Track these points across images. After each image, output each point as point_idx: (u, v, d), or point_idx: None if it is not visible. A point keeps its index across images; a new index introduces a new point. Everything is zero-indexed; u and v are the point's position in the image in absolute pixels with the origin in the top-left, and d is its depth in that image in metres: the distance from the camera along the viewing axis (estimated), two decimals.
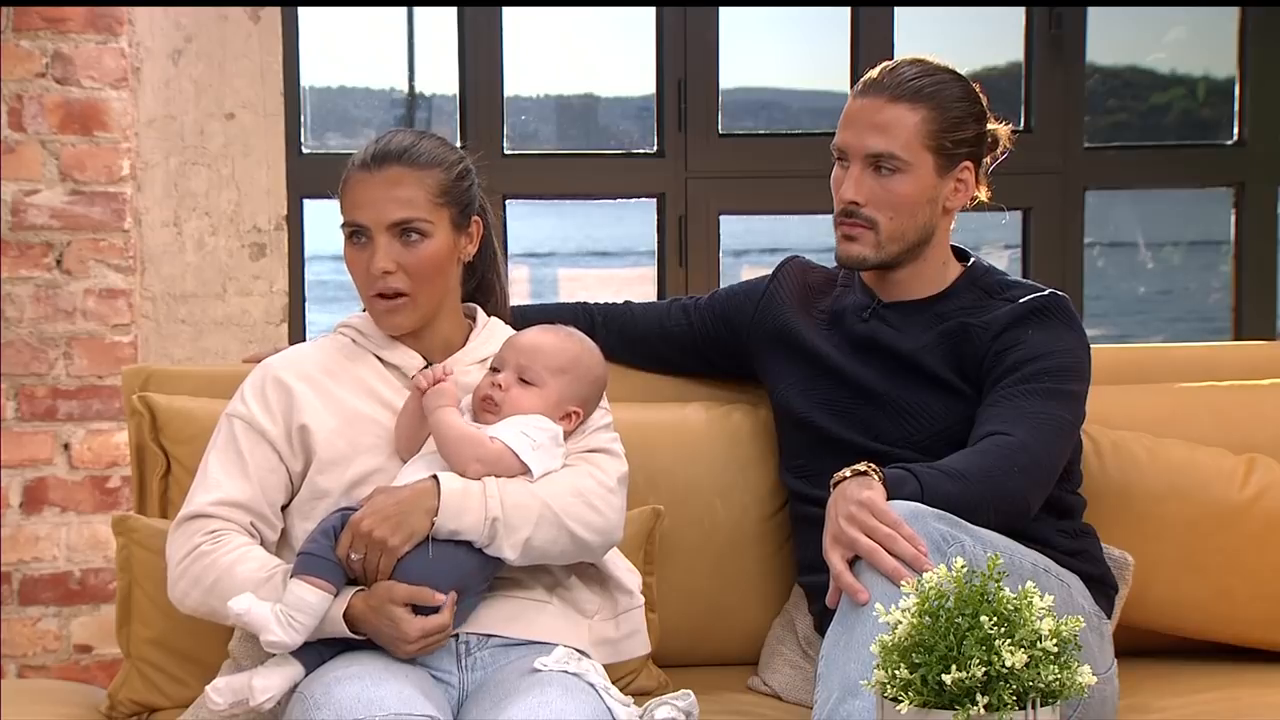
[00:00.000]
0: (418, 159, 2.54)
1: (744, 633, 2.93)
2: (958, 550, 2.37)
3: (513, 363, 2.54)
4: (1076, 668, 1.95)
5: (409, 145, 2.55)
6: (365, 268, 2.54)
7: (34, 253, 3.82)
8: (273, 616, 2.36)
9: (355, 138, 10.47)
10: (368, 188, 2.53)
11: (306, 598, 2.37)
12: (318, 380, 2.59)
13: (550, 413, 2.52)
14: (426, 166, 2.54)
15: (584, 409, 2.57)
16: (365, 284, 2.56)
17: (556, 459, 2.52)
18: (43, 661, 3.87)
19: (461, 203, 2.58)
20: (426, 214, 2.53)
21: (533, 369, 2.53)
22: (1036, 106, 4.38)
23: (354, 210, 2.54)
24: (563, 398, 2.54)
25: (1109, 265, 14.36)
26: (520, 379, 2.53)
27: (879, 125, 2.70)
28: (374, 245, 2.53)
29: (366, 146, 2.57)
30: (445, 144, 2.60)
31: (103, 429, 3.86)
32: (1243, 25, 4.50)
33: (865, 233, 2.73)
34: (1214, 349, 3.33)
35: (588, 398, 2.58)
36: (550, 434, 2.51)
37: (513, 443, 2.48)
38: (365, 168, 2.54)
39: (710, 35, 4.24)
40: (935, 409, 2.73)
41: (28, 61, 3.79)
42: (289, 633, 2.36)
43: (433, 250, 2.54)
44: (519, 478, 2.47)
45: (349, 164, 2.57)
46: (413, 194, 2.53)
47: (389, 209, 2.52)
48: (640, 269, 11.38)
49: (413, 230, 2.52)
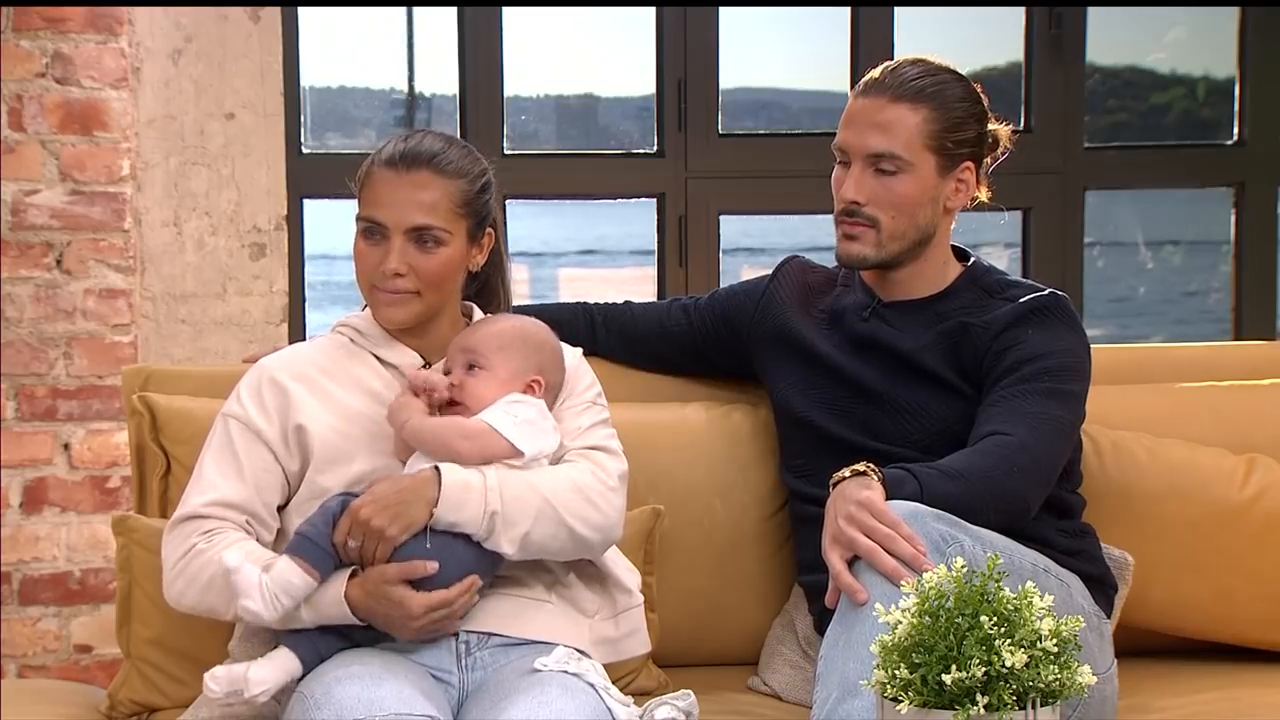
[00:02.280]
0: (446, 167, 2.53)
1: (744, 633, 2.93)
2: (957, 550, 2.37)
3: (459, 359, 2.55)
4: (1076, 668, 1.95)
5: (439, 151, 2.54)
6: (376, 264, 2.54)
7: (34, 253, 3.82)
8: (257, 585, 2.36)
9: (355, 138, 10.47)
10: (393, 187, 2.52)
11: (291, 579, 2.37)
12: (314, 380, 2.59)
13: (510, 389, 2.53)
14: (453, 176, 2.54)
15: (544, 376, 2.56)
16: (372, 278, 2.56)
17: (549, 436, 2.52)
18: (43, 661, 3.87)
19: (479, 215, 2.58)
20: (446, 223, 2.53)
21: (475, 354, 2.54)
22: (1036, 106, 4.38)
23: (375, 207, 2.54)
24: (515, 371, 2.54)
25: (1109, 265, 14.35)
26: (469, 367, 2.54)
27: (881, 125, 2.70)
28: (389, 244, 2.53)
29: (393, 143, 2.56)
30: (472, 153, 2.59)
31: (103, 429, 3.86)
32: (1243, 25, 4.50)
33: (866, 232, 2.73)
34: (1214, 349, 3.33)
35: (542, 365, 2.57)
36: (534, 408, 2.51)
37: (493, 420, 2.48)
38: (393, 166, 2.53)
39: (710, 35, 4.24)
40: (935, 409, 2.73)
41: (28, 61, 3.79)
42: (266, 607, 2.36)
43: (446, 258, 2.54)
44: (514, 462, 2.47)
45: (373, 158, 2.56)
46: (436, 201, 2.52)
47: (412, 213, 2.52)
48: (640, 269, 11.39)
49: (430, 237, 2.52)
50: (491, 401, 2.51)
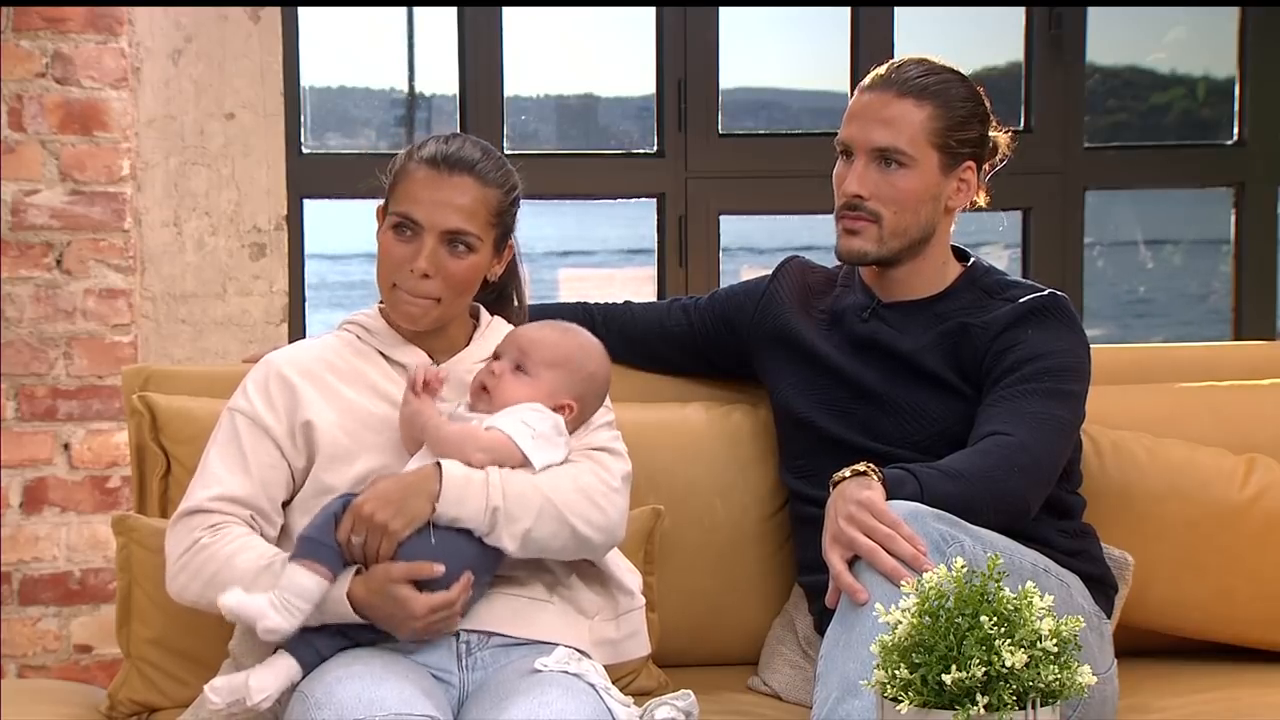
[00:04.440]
0: (487, 175, 2.55)
1: (744, 633, 2.93)
2: (957, 550, 2.37)
3: (512, 353, 2.56)
4: (1076, 668, 1.95)
5: (480, 158, 2.56)
6: (403, 261, 2.54)
7: (34, 253, 3.82)
8: (268, 604, 2.35)
9: (355, 138, 10.46)
10: (434, 188, 2.53)
11: (303, 582, 2.36)
12: (321, 376, 2.59)
13: (542, 403, 2.53)
14: (492, 185, 2.56)
15: (579, 404, 2.57)
16: (396, 275, 2.55)
17: (559, 449, 2.53)
18: (43, 661, 3.87)
19: (506, 226, 2.61)
20: (479, 230, 2.55)
21: (528, 360, 2.55)
22: (1036, 106, 4.38)
23: (412, 204, 2.54)
24: (554, 390, 2.55)
25: (1109, 265, 14.34)
26: (515, 368, 2.54)
27: (886, 120, 2.71)
28: (420, 243, 2.53)
29: (435, 143, 2.57)
30: (506, 165, 2.61)
31: (103, 429, 3.86)
32: (1243, 25, 4.50)
33: (868, 227, 2.73)
34: (1214, 349, 3.33)
35: (583, 394, 2.58)
36: (551, 422, 2.52)
37: (512, 431, 2.48)
38: (434, 166, 2.54)
39: (710, 35, 4.24)
40: (935, 409, 2.73)
41: (28, 61, 3.79)
42: (286, 618, 2.35)
43: (473, 264, 2.55)
44: (521, 469, 2.48)
45: (412, 155, 2.57)
46: (474, 208, 2.54)
47: (449, 215, 2.53)
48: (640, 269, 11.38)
49: (462, 242, 2.53)
50: (516, 403, 2.52)
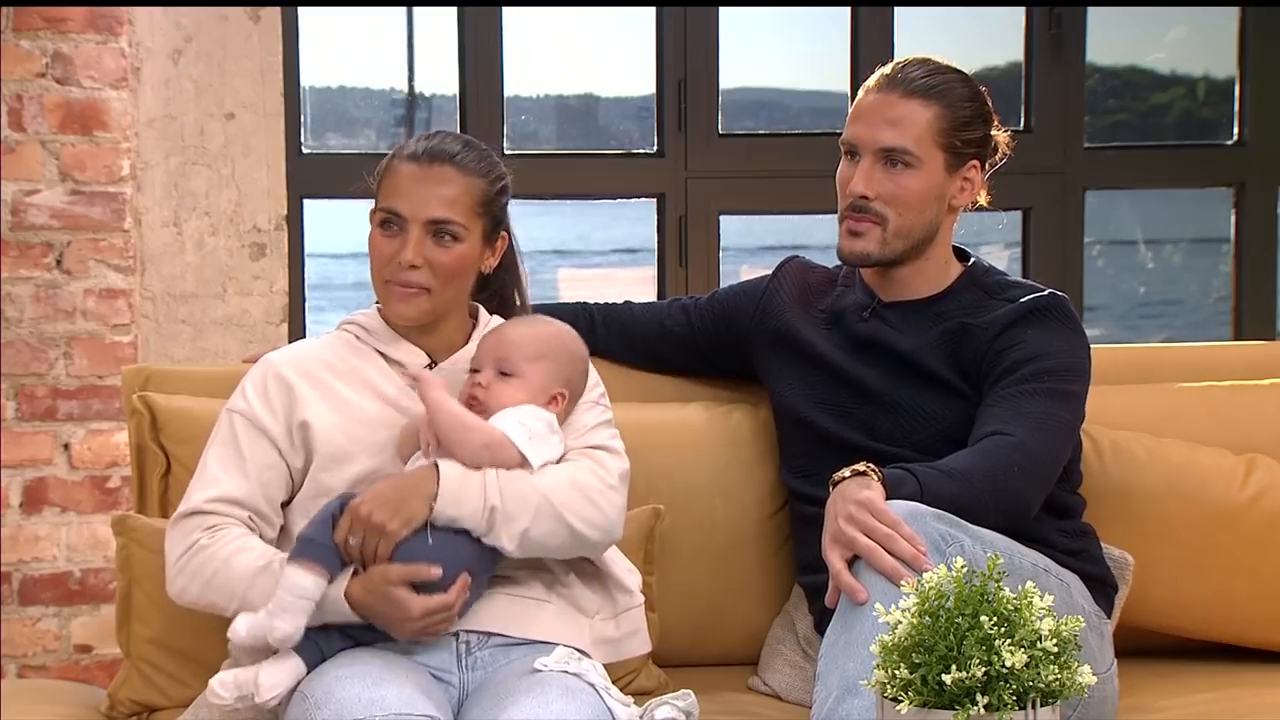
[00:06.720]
0: (468, 165, 2.58)
1: (744, 633, 2.93)
2: (957, 550, 2.37)
3: (490, 359, 2.56)
4: (1076, 668, 1.95)
5: (461, 150, 2.59)
6: (391, 256, 2.55)
7: (34, 253, 3.82)
8: (267, 615, 2.36)
9: (355, 138, 10.45)
10: (415, 180, 2.55)
11: (302, 583, 2.37)
12: (320, 377, 2.59)
13: (536, 399, 2.54)
14: (474, 174, 2.58)
15: (569, 389, 2.59)
16: (386, 271, 2.57)
17: (555, 447, 2.53)
18: (43, 661, 3.87)
19: (495, 216, 2.62)
20: (464, 219, 2.56)
21: (509, 361, 2.55)
22: (1036, 106, 4.38)
23: (395, 198, 2.56)
24: (545, 383, 2.56)
25: (1109, 265, 14.34)
26: (500, 373, 2.55)
27: (892, 120, 2.71)
28: (406, 236, 2.54)
29: (416, 140, 2.60)
30: (491, 157, 2.64)
31: (103, 429, 3.86)
32: (1243, 25, 4.50)
33: (873, 228, 2.73)
34: (1214, 349, 3.33)
35: (570, 377, 2.59)
36: (544, 421, 2.53)
37: (511, 432, 2.48)
38: (415, 160, 2.57)
39: (710, 35, 4.24)
40: (935, 409, 2.73)
41: (28, 61, 3.79)
42: (291, 619, 2.35)
43: (461, 254, 2.56)
44: (519, 470, 2.48)
45: (395, 153, 2.60)
46: (456, 197, 2.56)
47: (431, 205, 2.54)
48: (640, 269, 11.38)
49: (447, 231, 2.55)
50: (514, 407, 2.52)
